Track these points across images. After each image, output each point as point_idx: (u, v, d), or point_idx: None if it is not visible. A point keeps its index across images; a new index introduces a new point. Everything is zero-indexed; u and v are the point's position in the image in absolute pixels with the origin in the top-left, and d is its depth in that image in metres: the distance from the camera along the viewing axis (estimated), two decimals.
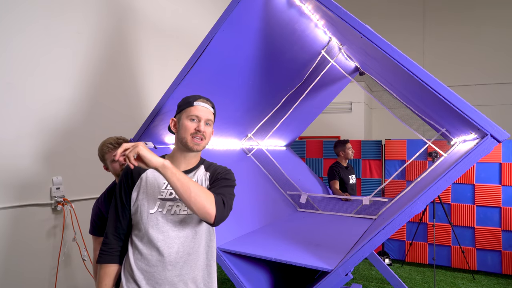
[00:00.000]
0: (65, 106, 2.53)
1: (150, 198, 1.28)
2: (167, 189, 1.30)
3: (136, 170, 1.31)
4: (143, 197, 1.28)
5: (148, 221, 1.26)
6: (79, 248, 2.55)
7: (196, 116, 1.31)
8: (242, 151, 2.99)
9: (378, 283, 3.77)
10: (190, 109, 1.32)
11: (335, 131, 6.39)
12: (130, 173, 1.31)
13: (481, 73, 6.54)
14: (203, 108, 1.34)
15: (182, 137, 1.30)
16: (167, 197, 1.29)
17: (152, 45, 3.35)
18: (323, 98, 3.79)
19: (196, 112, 1.31)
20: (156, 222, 1.26)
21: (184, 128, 1.30)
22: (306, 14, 2.15)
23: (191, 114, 1.31)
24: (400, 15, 7.15)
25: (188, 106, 1.32)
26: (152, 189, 1.29)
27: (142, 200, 1.28)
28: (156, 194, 1.29)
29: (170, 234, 1.26)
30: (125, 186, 1.31)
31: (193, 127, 1.30)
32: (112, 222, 1.31)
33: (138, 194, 1.29)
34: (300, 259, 1.71)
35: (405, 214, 1.47)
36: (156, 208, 1.27)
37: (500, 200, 3.97)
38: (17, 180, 2.22)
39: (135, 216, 1.29)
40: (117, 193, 1.32)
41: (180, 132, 1.32)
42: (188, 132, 1.29)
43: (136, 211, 1.28)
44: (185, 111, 1.33)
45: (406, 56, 1.45)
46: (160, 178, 1.31)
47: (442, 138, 3.46)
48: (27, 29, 2.28)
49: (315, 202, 3.11)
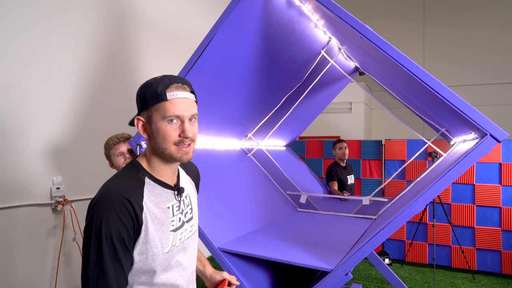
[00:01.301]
0: (65, 106, 2.53)
1: (161, 234, 0.95)
2: (175, 216, 1.01)
3: (135, 201, 0.90)
4: (154, 236, 0.93)
5: (164, 262, 0.96)
6: (79, 248, 2.55)
7: (175, 116, 0.93)
8: (242, 151, 3.00)
9: (378, 283, 3.77)
10: (165, 106, 0.92)
11: (335, 131, 6.40)
12: (131, 208, 0.89)
13: (481, 73, 6.55)
14: (183, 100, 0.94)
15: (163, 148, 0.95)
16: (177, 226, 1.01)
17: (152, 45, 3.35)
18: (323, 98, 3.79)
19: (174, 110, 0.92)
20: (172, 260, 0.99)
21: (163, 136, 0.93)
22: (305, 14, 2.15)
23: (169, 114, 0.92)
24: (400, 15, 7.16)
25: (160, 100, 0.92)
26: (160, 222, 0.95)
27: (154, 240, 0.93)
28: (167, 227, 0.97)
29: (185, 264, 1.04)
30: (130, 228, 0.89)
31: (176, 134, 0.94)
32: (115, 279, 0.87)
33: (147, 235, 0.92)
34: (300, 259, 1.71)
35: (405, 214, 1.47)
36: (171, 245, 0.98)
37: (500, 200, 3.98)
38: (17, 180, 2.22)
39: (141, 262, 0.93)
40: (115, 242, 0.87)
41: (157, 140, 0.95)
42: (170, 141, 0.94)
43: (145, 254, 0.93)
44: (156, 108, 0.93)
45: (406, 56, 1.45)
46: (161, 204, 0.98)
47: (442, 138, 3.47)
48: (27, 29, 2.28)
49: (315, 202, 3.11)
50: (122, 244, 0.88)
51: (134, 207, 0.89)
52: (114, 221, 0.86)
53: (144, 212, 0.91)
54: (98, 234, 0.86)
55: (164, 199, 0.99)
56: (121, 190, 0.90)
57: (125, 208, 0.88)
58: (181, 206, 1.04)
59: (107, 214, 0.87)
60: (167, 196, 1.00)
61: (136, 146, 1.96)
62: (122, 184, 0.93)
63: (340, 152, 3.84)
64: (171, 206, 1.00)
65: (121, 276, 0.88)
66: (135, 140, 1.98)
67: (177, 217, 1.01)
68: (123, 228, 0.87)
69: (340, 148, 3.84)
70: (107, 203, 0.88)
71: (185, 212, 1.06)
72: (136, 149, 1.96)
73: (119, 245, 0.87)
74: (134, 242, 0.91)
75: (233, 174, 2.61)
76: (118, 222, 0.87)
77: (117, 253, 0.87)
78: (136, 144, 1.96)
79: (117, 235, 0.87)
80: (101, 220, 0.86)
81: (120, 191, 0.90)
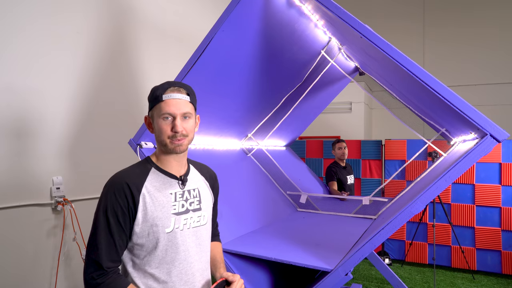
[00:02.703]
0: (65, 106, 2.53)
1: (162, 215, 1.09)
2: (178, 201, 1.14)
3: (134, 184, 1.08)
4: (154, 216, 1.07)
5: (167, 242, 1.09)
6: (79, 248, 2.55)
7: (168, 114, 1.11)
8: (242, 151, 3.00)
9: (378, 283, 3.77)
10: (161, 106, 1.12)
11: (335, 131, 6.40)
12: (128, 190, 1.06)
13: (481, 73, 6.55)
14: (176, 101, 1.12)
15: (161, 140, 1.13)
16: (180, 210, 1.13)
17: (152, 45, 3.35)
18: (323, 98, 3.79)
19: (167, 108, 1.11)
20: (176, 242, 1.11)
21: (159, 130, 1.12)
22: (305, 14, 2.15)
23: (163, 112, 1.11)
24: (400, 15, 7.16)
25: (157, 102, 1.12)
26: (161, 204, 1.10)
27: (154, 220, 1.07)
28: (168, 209, 1.10)
29: (191, 252, 1.14)
30: (124, 207, 1.05)
31: (168, 129, 1.11)
32: (107, 255, 1.04)
33: (145, 214, 1.07)
34: (300, 259, 1.71)
35: (405, 214, 1.47)
36: (173, 226, 1.10)
37: (500, 200, 3.98)
38: (17, 180, 2.22)
39: (142, 240, 1.08)
40: (109, 217, 1.04)
41: (157, 134, 1.14)
42: (165, 135, 1.11)
43: (146, 234, 1.08)
44: (155, 108, 1.13)
45: (406, 56, 1.45)
46: (163, 190, 1.12)
47: (442, 138, 3.47)
48: (27, 29, 2.28)
49: (315, 202, 3.11)
50: (115, 219, 1.04)
51: (131, 189, 1.06)
52: (111, 199, 1.05)
53: (142, 194, 1.08)
54: (97, 211, 1.06)
55: (167, 186, 1.14)
56: (123, 175, 1.10)
57: (122, 189, 1.06)
58: (186, 195, 1.17)
59: (107, 194, 1.06)
60: (170, 184, 1.15)
61: (136, 146, 1.96)
62: (127, 172, 1.12)
63: (340, 152, 3.84)
64: (174, 193, 1.14)
65: (111, 246, 1.04)
66: (135, 140, 1.99)
67: (180, 203, 1.14)
68: (118, 205, 1.04)
69: (340, 148, 3.84)
70: (109, 185, 1.08)
71: (191, 202, 1.18)
72: (136, 149, 1.96)
73: (112, 220, 1.04)
74: (133, 221, 1.07)
75: (233, 174, 2.61)
76: (114, 200, 1.05)
77: (110, 227, 1.04)
78: (136, 144, 1.97)
79: (111, 210, 1.04)
80: (102, 198, 1.07)
81: (122, 175, 1.10)
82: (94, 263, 1.04)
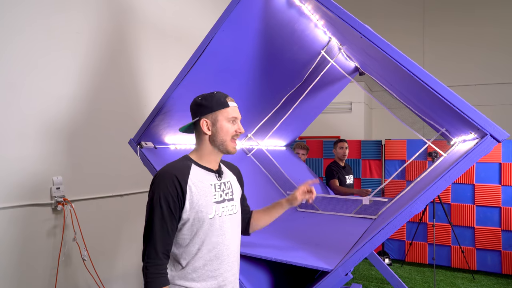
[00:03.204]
0: (65, 106, 2.53)
1: (206, 203, 1.26)
2: (217, 191, 1.31)
3: (181, 177, 1.24)
4: (200, 203, 1.24)
5: (209, 227, 1.26)
6: (79, 248, 2.55)
7: (234, 117, 1.33)
8: (242, 151, 3.00)
9: (378, 283, 3.77)
10: (227, 111, 1.32)
11: (335, 131, 6.40)
12: (177, 181, 1.23)
13: (481, 73, 6.55)
14: (236, 108, 1.36)
15: (223, 140, 1.31)
16: (219, 199, 1.31)
17: (152, 45, 3.35)
18: (323, 98, 3.79)
19: (233, 113, 1.33)
20: (216, 227, 1.27)
21: (226, 131, 1.31)
22: (306, 14, 2.15)
23: (230, 116, 1.31)
24: (400, 15, 7.16)
25: (224, 107, 1.31)
26: (204, 194, 1.27)
27: (200, 207, 1.24)
28: (210, 198, 1.28)
29: (227, 236, 1.31)
30: (175, 196, 1.21)
31: (233, 129, 1.32)
32: (161, 239, 1.21)
33: (192, 203, 1.24)
34: (300, 259, 1.71)
35: (405, 214, 1.47)
36: (214, 213, 1.27)
37: (500, 200, 3.98)
38: (17, 180, 2.22)
39: (188, 227, 1.25)
40: (163, 205, 1.21)
41: (220, 135, 1.31)
42: (230, 135, 1.32)
43: (192, 221, 1.24)
44: (220, 112, 1.31)
45: (406, 56, 1.45)
46: (205, 181, 1.29)
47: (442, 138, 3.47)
48: (27, 29, 2.28)
49: (315, 202, 3.11)
50: (167, 207, 1.20)
51: (180, 180, 1.22)
52: (163, 190, 1.21)
53: (189, 185, 1.23)
54: (151, 201, 1.22)
55: (207, 178, 1.31)
56: (171, 169, 1.25)
57: (172, 181, 1.21)
58: (222, 186, 1.35)
59: (159, 186, 1.21)
60: (210, 177, 1.32)
61: (136, 145, 1.96)
62: (173, 166, 1.27)
63: (341, 152, 3.84)
64: (213, 184, 1.32)
65: (164, 230, 1.21)
66: (135, 139, 1.99)
67: (219, 193, 1.32)
68: (169, 195, 1.20)
69: (341, 148, 3.85)
70: (159, 179, 1.23)
71: (226, 192, 1.36)
72: (136, 148, 1.96)
73: (165, 207, 1.20)
74: (182, 209, 1.23)
75: None
76: (166, 191, 1.20)
77: (163, 212, 1.20)
78: (136, 144, 1.97)
79: (164, 200, 1.20)
80: (154, 191, 1.22)
81: (170, 169, 1.25)
82: (152, 249, 1.20)
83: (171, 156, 2.16)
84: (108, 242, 2.84)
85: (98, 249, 2.74)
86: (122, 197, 2.98)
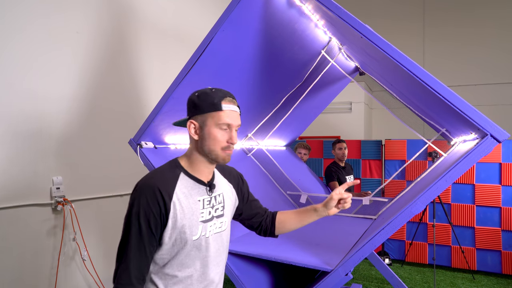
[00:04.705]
0: (65, 106, 2.53)
1: (191, 223, 1.08)
2: (205, 208, 1.12)
3: (166, 190, 1.05)
4: (183, 224, 1.06)
5: (192, 248, 1.09)
6: (79, 248, 2.55)
7: (227, 124, 1.09)
8: (242, 151, 3.00)
9: (378, 283, 3.77)
10: (219, 115, 1.08)
11: (335, 131, 6.40)
12: (160, 196, 1.04)
13: (481, 73, 6.55)
14: (234, 113, 1.11)
15: (211, 149, 1.10)
16: (207, 218, 1.12)
17: (152, 45, 3.35)
18: (323, 98, 3.79)
19: (227, 119, 1.08)
20: (200, 249, 1.10)
21: (213, 139, 1.08)
22: (306, 14, 2.15)
23: (222, 122, 1.08)
24: (400, 15, 7.16)
25: (216, 110, 1.08)
26: (190, 212, 1.08)
27: (183, 227, 1.06)
28: (196, 217, 1.09)
29: (211, 258, 1.14)
30: (156, 214, 1.03)
31: (224, 139, 1.09)
32: (136, 261, 1.03)
33: (175, 222, 1.05)
34: (300, 259, 1.71)
35: (405, 214, 1.47)
36: (199, 234, 1.09)
37: (500, 200, 3.98)
38: (17, 180, 2.22)
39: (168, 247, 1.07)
40: (142, 223, 1.02)
41: (207, 142, 1.09)
42: (219, 145, 1.09)
43: (173, 242, 1.07)
44: (211, 116, 1.08)
45: (406, 56, 1.45)
46: (192, 197, 1.10)
47: (442, 138, 3.46)
48: (27, 28, 2.28)
49: (315, 202, 3.11)
50: (147, 225, 1.02)
51: (164, 195, 1.04)
52: (144, 206, 1.03)
53: (173, 201, 1.05)
54: (129, 216, 1.04)
55: (195, 193, 1.11)
56: (155, 181, 1.06)
57: (154, 195, 1.03)
58: (212, 201, 1.16)
59: (139, 198, 1.04)
60: (199, 191, 1.12)
61: (136, 146, 1.96)
62: (158, 176, 1.09)
63: (340, 153, 3.84)
64: (202, 200, 1.12)
65: (141, 251, 1.03)
66: (135, 140, 1.98)
67: (207, 211, 1.13)
68: (150, 211, 1.02)
69: (340, 149, 3.84)
70: (141, 190, 1.05)
71: (216, 208, 1.17)
72: (136, 148, 1.96)
73: (144, 225, 1.02)
74: (163, 228, 1.05)
75: None
76: (146, 206, 1.03)
77: (141, 231, 1.03)
78: (136, 144, 1.96)
79: (143, 216, 1.02)
80: (134, 202, 1.05)
81: (154, 181, 1.06)
82: (124, 271, 1.02)
83: (171, 156, 2.16)
84: (108, 242, 2.84)
85: (98, 249, 2.74)
86: (122, 197, 2.98)
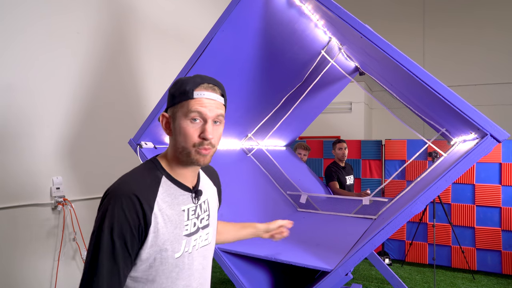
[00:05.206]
0: (65, 106, 2.53)
1: (174, 238, 0.90)
2: (190, 220, 0.95)
3: (146, 199, 0.85)
4: (165, 239, 0.87)
5: (173, 268, 0.90)
6: (79, 248, 2.55)
7: (199, 113, 0.88)
8: (242, 151, 3.00)
9: (378, 283, 3.77)
10: (189, 104, 0.88)
11: (335, 131, 6.40)
12: (140, 206, 0.84)
13: (481, 73, 6.55)
14: (209, 101, 0.90)
15: (182, 147, 0.90)
16: (192, 231, 0.95)
17: (152, 44, 3.35)
18: (323, 98, 3.79)
19: (198, 107, 0.88)
20: (183, 267, 0.92)
21: (184, 134, 0.89)
22: (306, 14, 2.15)
23: (192, 111, 0.88)
24: (400, 15, 7.16)
25: (185, 98, 0.89)
26: (173, 225, 0.90)
27: (165, 244, 0.87)
28: (180, 231, 0.91)
29: (196, 276, 0.97)
30: (134, 228, 0.83)
31: (196, 134, 0.89)
32: (107, 277, 0.81)
33: (156, 238, 0.86)
34: (300, 259, 1.71)
35: (405, 214, 1.47)
36: (183, 250, 0.92)
37: (500, 200, 3.98)
38: (17, 180, 2.22)
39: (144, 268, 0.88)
40: (115, 240, 0.81)
41: (178, 139, 0.91)
42: (190, 141, 0.89)
43: (151, 261, 0.87)
44: (181, 105, 0.90)
45: (406, 56, 1.45)
46: (177, 206, 0.92)
47: (442, 138, 3.46)
48: (27, 29, 2.28)
49: (315, 202, 3.11)
50: (122, 241, 0.82)
51: (143, 205, 0.84)
52: (119, 216, 0.82)
53: (154, 213, 0.86)
54: (99, 230, 0.82)
55: (179, 201, 0.93)
56: (133, 186, 0.86)
57: (133, 204, 0.83)
58: (198, 210, 0.99)
59: (113, 208, 0.82)
60: (183, 198, 0.94)
61: (136, 146, 1.96)
62: (136, 180, 0.88)
63: (340, 153, 3.84)
64: (187, 209, 0.95)
65: (114, 276, 0.82)
66: (135, 140, 1.98)
67: (192, 222, 0.95)
68: (126, 225, 0.82)
69: (340, 149, 3.84)
70: (116, 196, 0.84)
71: (201, 218, 1.00)
72: (136, 149, 1.96)
73: (118, 243, 0.82)
74: (141, 245, 0.85)
75: (233, 174, 2.61)
76: (122, 218, 0.82)
77: (114, 251, 0.82)
78: (136, 144, 1.96)
79: (118, 231, 0.81)
80: (106, 213, 0.82)
81: (132, 186, 0.86)
82: None
83: None
84: None
85: None
86: None
